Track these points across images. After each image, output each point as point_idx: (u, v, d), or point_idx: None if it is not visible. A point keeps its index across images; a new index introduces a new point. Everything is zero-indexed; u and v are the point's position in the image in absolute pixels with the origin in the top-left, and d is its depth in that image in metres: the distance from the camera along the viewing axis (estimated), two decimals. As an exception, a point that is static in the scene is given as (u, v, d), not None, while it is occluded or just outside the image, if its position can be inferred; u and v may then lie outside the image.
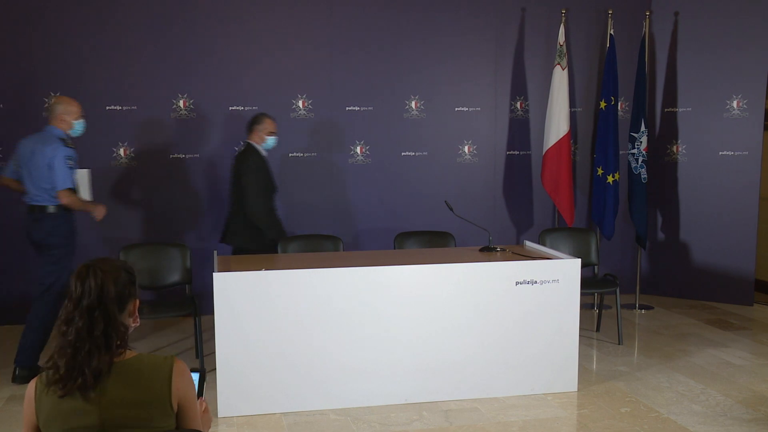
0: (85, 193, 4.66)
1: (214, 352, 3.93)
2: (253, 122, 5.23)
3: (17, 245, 5.69)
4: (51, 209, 4.49)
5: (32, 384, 1.95)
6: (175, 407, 1.97)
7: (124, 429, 1.91)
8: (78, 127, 4.63)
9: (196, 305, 4.69)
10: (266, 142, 5.21)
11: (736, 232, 6.38)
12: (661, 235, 6.76)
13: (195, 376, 2.15)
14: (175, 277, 4.87)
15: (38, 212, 4.51)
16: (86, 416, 1.89)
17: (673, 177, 6.62)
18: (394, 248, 5.32)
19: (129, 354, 1.98)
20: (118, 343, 1.93)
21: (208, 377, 3.25)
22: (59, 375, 1.88)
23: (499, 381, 4.23)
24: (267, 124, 5.20)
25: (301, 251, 5.09)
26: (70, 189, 4.44)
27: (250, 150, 5.16)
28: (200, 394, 2.17)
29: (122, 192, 5.86)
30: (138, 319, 2.08)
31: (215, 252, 4.46)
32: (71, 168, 4.45)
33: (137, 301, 2.05)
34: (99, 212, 4.64)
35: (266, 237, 5.06)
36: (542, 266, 4.26)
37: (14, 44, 5.60)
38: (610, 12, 6.26)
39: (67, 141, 4.52)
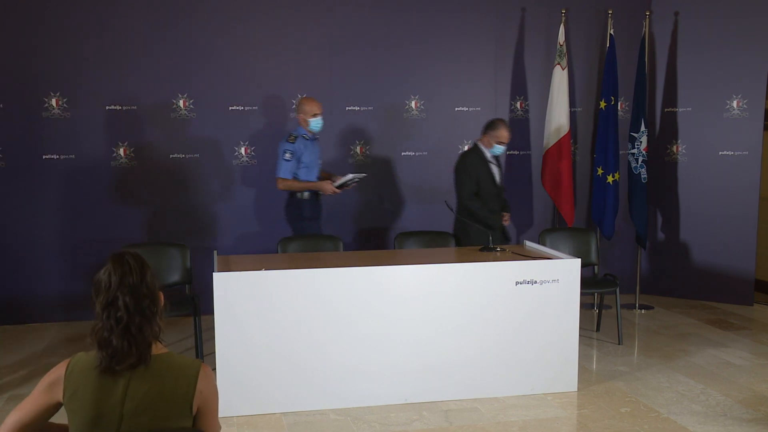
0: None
1: (214, 352, 3.93)
2: (488, 126, 5.38)
3: (16, 246, 5.70)
4: (296, 195, 5.30)
5: (65, 362, 2.01)
6: (195, 410, 2.00)
7: (141, 419, 1.94)
8: (313, 125, 5.27)
9: (196, 305, 4.69)
10: (493, 148, 5.35)
11: (736, 232, 6.38)
12: (661, 235, 6.76)
13: None
14: (175, 277, 4.88)
15: (286, 197, 5.40)
16: (112, 398, 1.94)
17: (673, 177, 6.62)
18: (394, 248, 5.32)
19: (161, 349, 2.03)
20: (159, 315, 2.01)
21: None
22: (113, 350, 1.93)
23: (499, 381, 4.23)
24: (500, 132, 5.31)
25: (301, 251, 5.09)
26: (283, 178, 5.22)
27: (474, 151, 5.39)
28: None
29: (122, 192, 5.85)
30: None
31: (215, 252, 4.46)
32: (288, 161, 5.19)
33: (161, 295, 2.10)
34: (325, 189, 5.28)
35: (483, 224, 5.22)
36: (542, 266, 4.26)
37: (14, 44, 5.60)
38: (610, 12, 6.26)
39: (291, 137, 5.23)
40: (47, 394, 1.99)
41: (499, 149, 5.37)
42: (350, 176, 5.31)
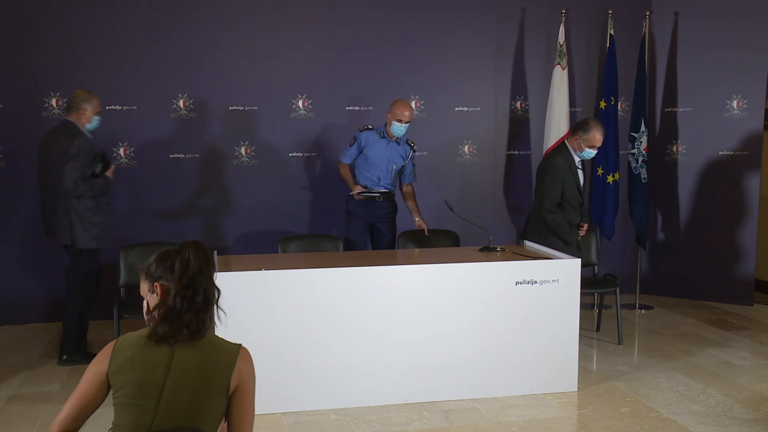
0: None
1: (214, 352, 3.93)
2: (580, 126, 4.87)
3: (16, 246, 5.70)
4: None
5: (111, 342, 2.10)
6: (232, 389, 2.08)
7: (181, 393, 2.00)
8: (393, 128, 5.29)
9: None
10: (584, 152, 4.86)
11: (736, 232, 6.38)
12: (661, 235, 6.76)
13: None
14: (175, 277, 4.86)
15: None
16: (157, 367, 2.01)
17: (673, 177, 6.62)
18: (395, 248, 5.32)
19: None
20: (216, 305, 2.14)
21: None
22: (177, 327, 2.03)
23: (499, 381, 4.23)
24: (593, 135, 4.79)
25: (301, 251, 5.09)
26: (340, 162, 5.47)
27: (562, 153, 4.91)
28: None
29: (122, 192, 5.85)
30: None
31: (215, 252, 4.45)
32: (350, 146, 5.38)
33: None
34: (351, 187, 5.38)
35: (559, 238, 4.84)
36: (542, 266, 4.26)
37: (14, 44, 5.60)
38: (610, 12, 6.26)
39: (364, 126, 5.40)
40: (96, 374, 2.05)
41: (590, 153, 4.88)
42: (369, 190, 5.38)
